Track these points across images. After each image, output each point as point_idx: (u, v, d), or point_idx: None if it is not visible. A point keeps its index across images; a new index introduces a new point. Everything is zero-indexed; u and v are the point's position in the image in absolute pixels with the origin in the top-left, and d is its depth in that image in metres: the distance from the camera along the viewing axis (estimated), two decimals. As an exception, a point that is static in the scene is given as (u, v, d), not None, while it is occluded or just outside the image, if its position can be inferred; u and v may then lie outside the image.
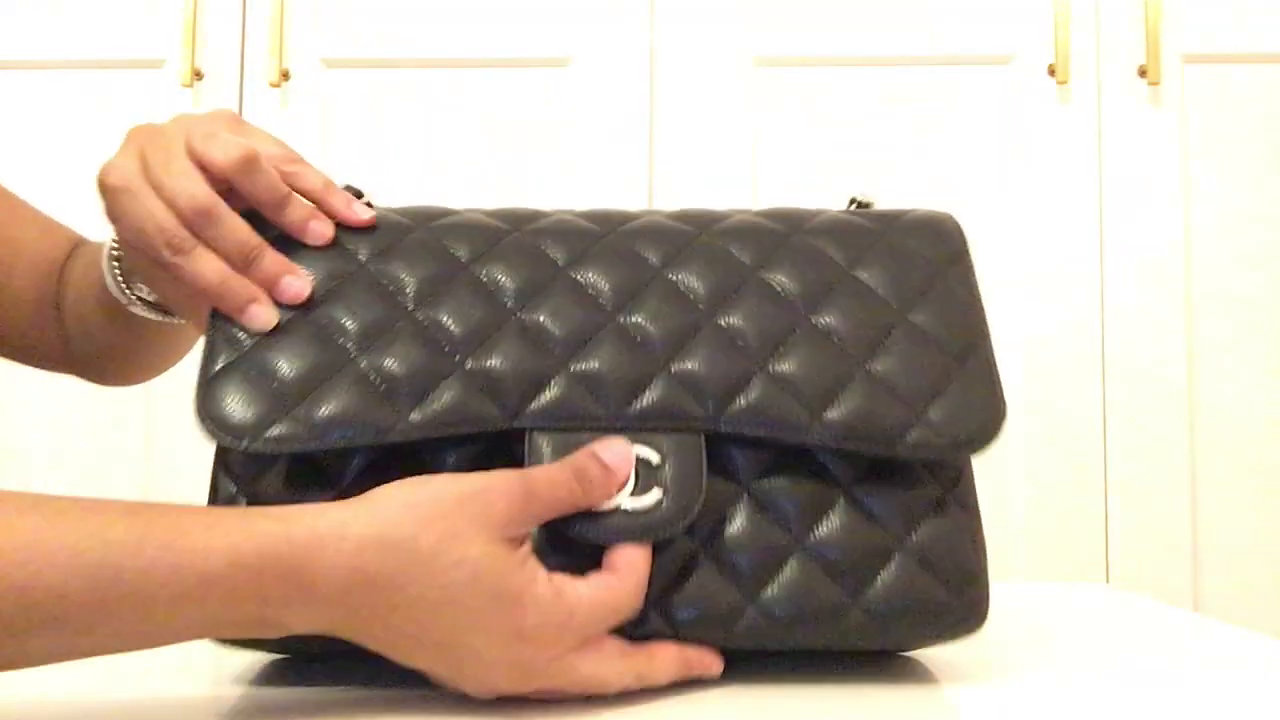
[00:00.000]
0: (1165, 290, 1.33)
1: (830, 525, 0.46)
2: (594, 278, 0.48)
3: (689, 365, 0.46)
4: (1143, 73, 1.34)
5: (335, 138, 1.37)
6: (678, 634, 0.45)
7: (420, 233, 0.50)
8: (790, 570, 0.45)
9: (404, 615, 0.38)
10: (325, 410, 0.44)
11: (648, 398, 0.46)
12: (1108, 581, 1.29)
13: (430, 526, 0.38)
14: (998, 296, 1.34)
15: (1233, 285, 1.34)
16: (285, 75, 1.41)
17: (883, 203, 0.55)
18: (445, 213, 0.52)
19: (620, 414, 0.45)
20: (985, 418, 0.48)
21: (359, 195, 0.51)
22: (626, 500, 0.43)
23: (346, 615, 0.38)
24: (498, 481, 0.40)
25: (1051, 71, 1.35)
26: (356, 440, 0.44)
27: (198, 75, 1.41)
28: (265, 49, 1.40)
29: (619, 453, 0.43)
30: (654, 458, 0.45)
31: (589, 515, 0.43)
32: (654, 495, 0.44)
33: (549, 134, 1.39)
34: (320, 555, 0.37)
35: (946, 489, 0.48)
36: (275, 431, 0.44)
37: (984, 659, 0.51)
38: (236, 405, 0.45)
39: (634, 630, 0.44)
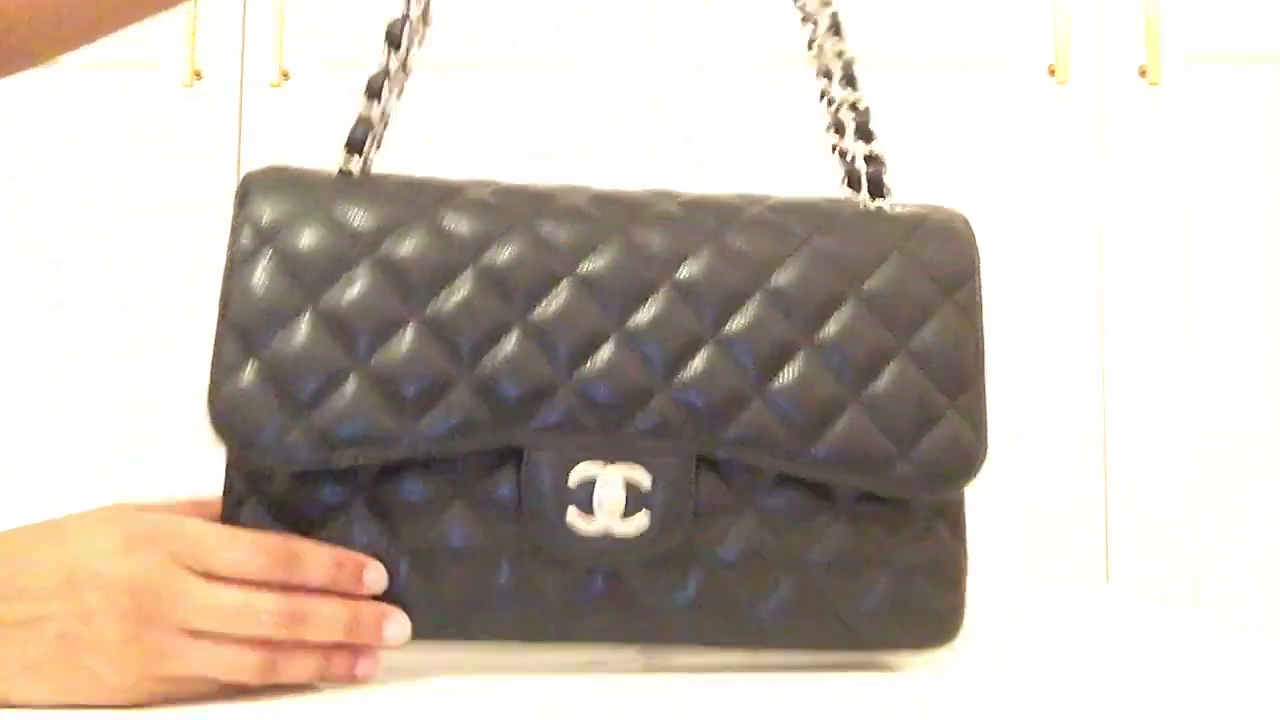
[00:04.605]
0: (1165, 290, 1.33)
1: (824, 544, 0.48)
2: (604, 277, 0.48)
3: (688, 384, 0.47)
4: (1143, 73, 1.34)
5: (335, 138, 1.37)
6: (665, 639, 0.47)
7: (428, 211, 0.49)
8: (785, 588, 0.48)
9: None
10: (336, 423, 0.45)
11: (644, 420, 0.47)
12: (1108, 581, 1.29)
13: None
14: (997, 296, 1.34)
15: (1233, 285, 1.34)
16: (285, 75, 1.41)
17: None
18: (453, 191, 0.51)
19: (616, 434, 0.46)
20: (967, 460, 0.49)
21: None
22: (616, 525, 0.45)
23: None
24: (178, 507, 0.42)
25: (1051, 71, 1.35)
26: (365, 457, 0.45)
27: (198, 75, 1.41)
28: (265, 49, 1.40)
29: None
30: (645, 482, 0.46)
31: (576, 535, 0.45)
32: (641, 520, 0.46)
33: (549, 134, 1.39)
34: None
35: (935, 513, 0.50)
36: (288, 441, 0.45)
37: (984, 659, 0.51)
38: (250, 415, 0.45)
39: (618, 639, 0.47)
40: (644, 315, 0.48)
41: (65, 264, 1.41)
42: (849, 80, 0.57)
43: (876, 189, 0.55)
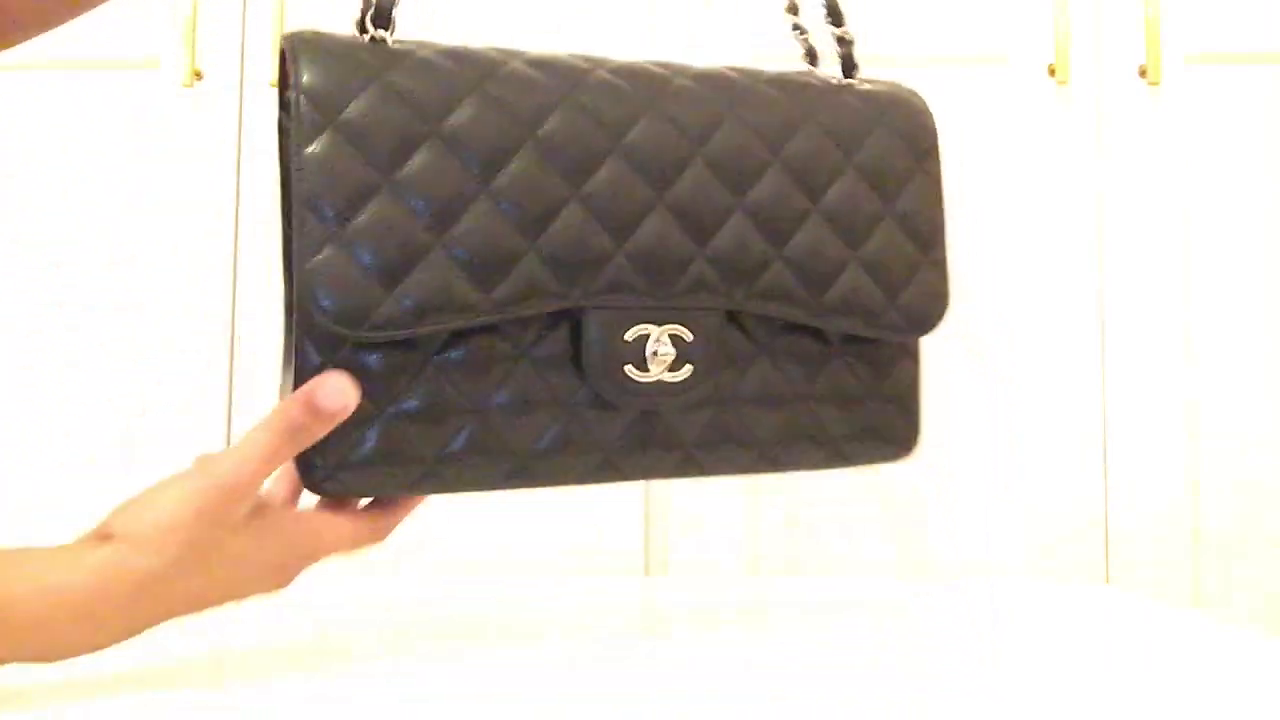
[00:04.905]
0: (1165, 290, 1.33)
1: (824, 377, 0.59)
2: (643, 149, 0.54)
3: (720, 250, 0.54)
4: (1143, 73, 1.34)
5: (335, 138, 1.37)
6: (701, 469, 0.56)
7: (480, 90, 0.53)
8: (784, 425, 0.58)
9: (188, 606, 0.46)
10: (422, 293, 0.48)
11: (684, 283, 0.54)
12: (1108, 581, 1.30)
13: (186, 549, 0.44)
14: (997, 296, 1.34)
15: (1233, 285, 1.34)
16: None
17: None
18: (495, 64, 0.55)
19: (666, 294, 0.53)
20: (939, 305, 0.61)
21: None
22: (666, 375, 0.53)
23: (138, 625, 0.45)
24: (225, 479, 0.45)
25: (1051, 71, 1.35)
26: (449, 323, 0.49)
27: (198, 75, 1.41)
28: (265, 49, 1.40)
29: (334, 389, 0.48)
30: (687, 335, 0.54)
31: (629, 387, 0.52)
32: (686, 370, 0.54)
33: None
34: (103, 599, 0.43)
35: (903, 352, 0.63)
36: (380, 312, 0.48)
37: (984, 659, 0.51)
38: (342, 287, 0.47)
39: (667, 471, 0.55)
40: (680, 188, 0.54)
41: (65, 264, 1.41)
42: (834, 19, 0.69)
43: (848, 68, 0.65)
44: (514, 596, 0.76)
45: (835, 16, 0.67)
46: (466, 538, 1.27)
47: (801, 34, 0.67)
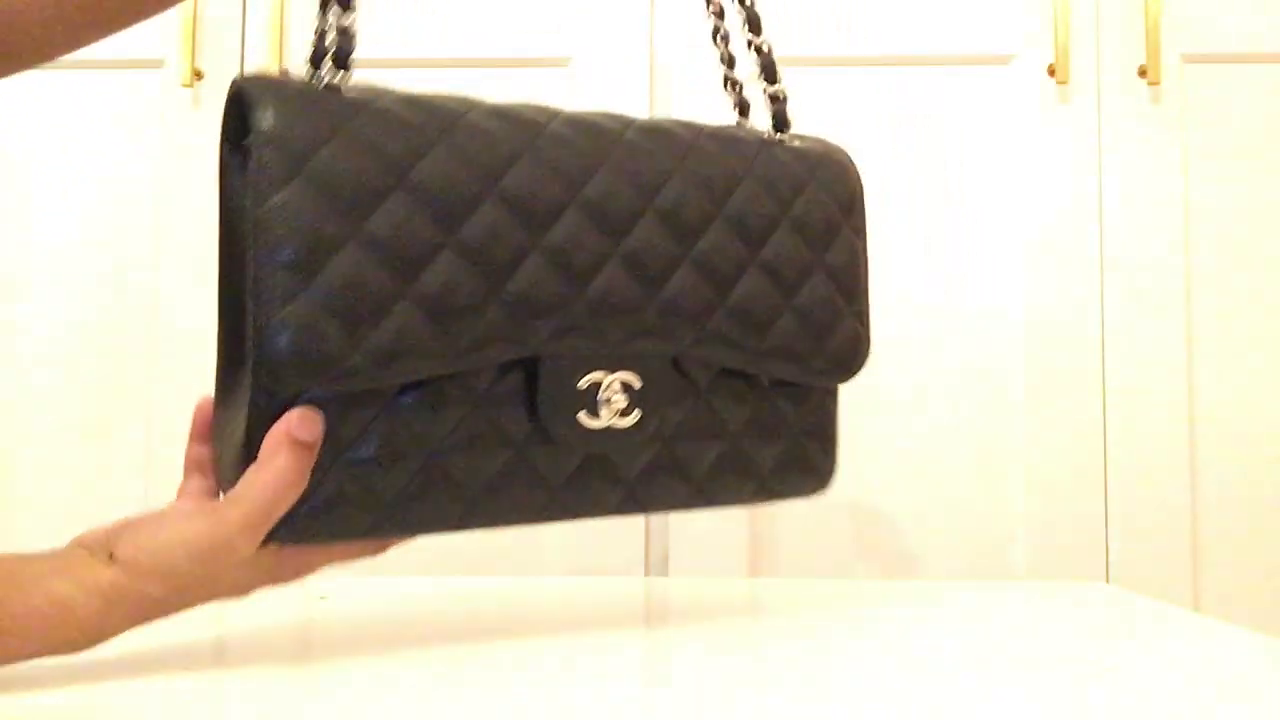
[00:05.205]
0: (1165, 290, 1.33)
1: (747, 427, 0.62)
2: (600, 202, 0.56)
3: (671, 295, 0.57)
4: (1143, 73, 1.34)
5: (335, 138, 1.37)
6: (644, 508, 0.58)
7: (445, 140, 0.53)
8: (717, 460, 0.61)
9: (184, 609, 0.48)
10: (391, 343, 0.49)
11: (640, 328, 0.56)
12: (1108, 581, 1.29)
13: (187, 584, 0.47)
14: (997, 295, 1.34)
15: (1233, 285, 1.34)
16: (285, 75, 1.41)
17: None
18: (456, 115, 0.55)
19: (618, 343, 0.55)
20: (862, 352, 0.65)
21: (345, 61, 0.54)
22: (616, 420, 0.55)
23: (138, 623, 0.47)
24: (226, 532, 0.47)
25: (1051, 71, 1.35)
26: (411, 374, 0.50)
27: (198, 75, 1.41)
28: (265, 49, 1.40)
29: (305, 419, 0.49)
30: (636, 382, 0.56)
31: (579, 433, 0.54)
32: (635, 416, 0.56)
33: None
34: (106, 616, 0.46)
35: (825, 393, 0.66)
36: (341, 368, 0.48)
37: (984, 659, 0.51)
38: (312, 340, 0.47)
39: (609, 510, 0.58)
40: (634, 239, 0.56)
41: (65, 263, 1.41)
42: (753, 26, 0.70)
43: (780, 123, 0.67)
44: (514, 596, 0.76)
45: (769, 74, 0.69)
46: (466, 537, 1.27)
47: (735, 88, 0.70)
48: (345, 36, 0.53)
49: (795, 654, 0.52)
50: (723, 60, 0.71)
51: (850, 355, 0.64)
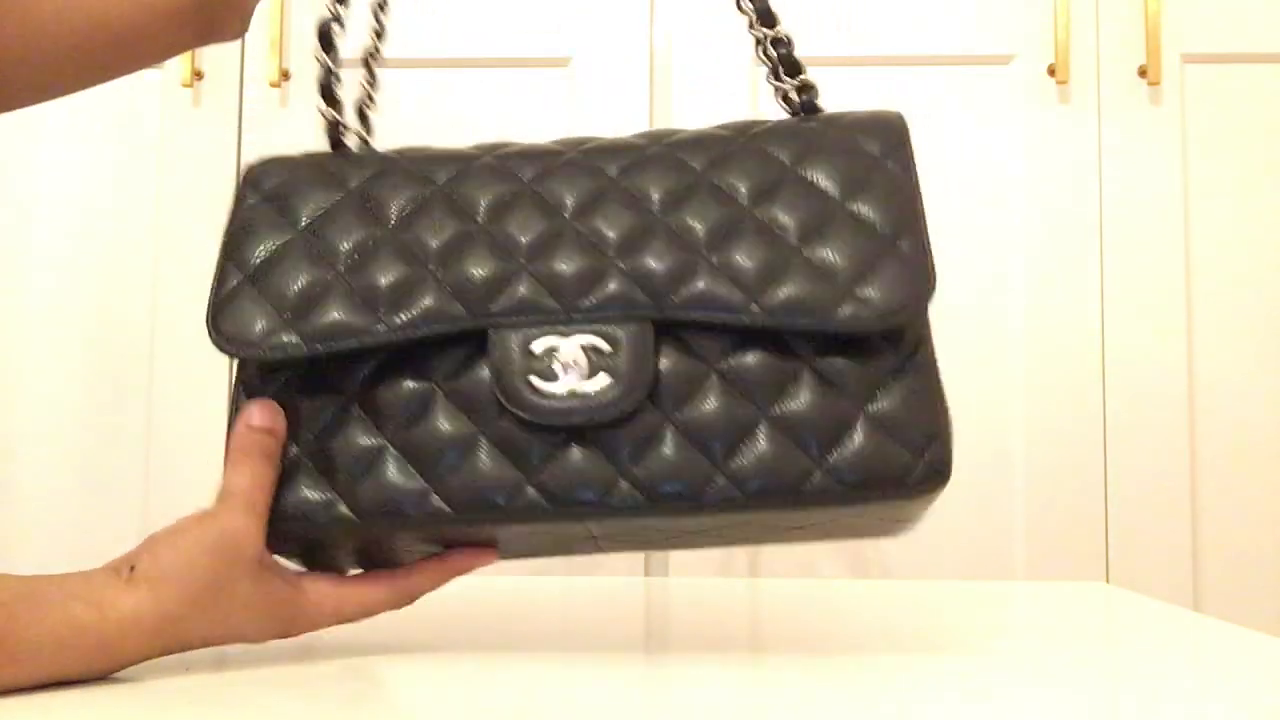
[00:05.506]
0: (1165, 290, 1.33)
1: (795, 397, 0.49)
2: (556, 190, 0.53)
3: (639, 261, 0.51)
4: (1143, 73, 1.34)
5: (335, 138, 1.37)
6: (650, 498, 0.48)
7: (404, 162, 0.56)
8: (759, 440, 0.49)
9: (201, 641, 0.49)
10: (319, 321, 0.51)
11: (599, 292, 0.50)
12: (1108, 581, 1.29)
13: (202, 589, 0.48)
14: (997, 296, 1.34)
15: (1233, 285, 1.34)
16: (285, 75, 1.41)
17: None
18: (429, 148, 0.57)
19: (574, 308, 0.50)
20: (913, 290, 0.50)
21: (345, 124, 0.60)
22: (579, 384, 0.49)
23: (154, 654, 0.48)
24: (229, 523, 0.49)
25: (1051, 71, 1.35)
26: (342, 345, 0.50)
27: (198, 75, 1.41)
28: (265, 49, 1.40)
29: (259, 408, 0.51)
30: (604, 346, 0.49)
31: (544, 396, 0.49)
32: (602, 380, 0.49)
33: (549, 134, 1.39)
34: (122, 640, 0.46)
35: (905, 357, 0.50)
36: (277, 340, 0.51)
37: (985, 658, 0.51)
38: (246, 321, 0.52)
39: (605, 496, 0.49)
40: (595, 215, 0.52)
41: (64, 263, 1.41)
42: (765, 20, 0.61)
43: (812, 112, 0.58)
44: (514, 596, 0.76)
45: (791, 67, 0.60)
46: (466, 538, 1.27)
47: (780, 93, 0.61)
48: (343, 129, 0.60)
49: (795, 654, 0.52)
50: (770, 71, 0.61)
51: (893, 296, 0.49)
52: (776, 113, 0.60)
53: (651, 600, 0.80)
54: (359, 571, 0.55)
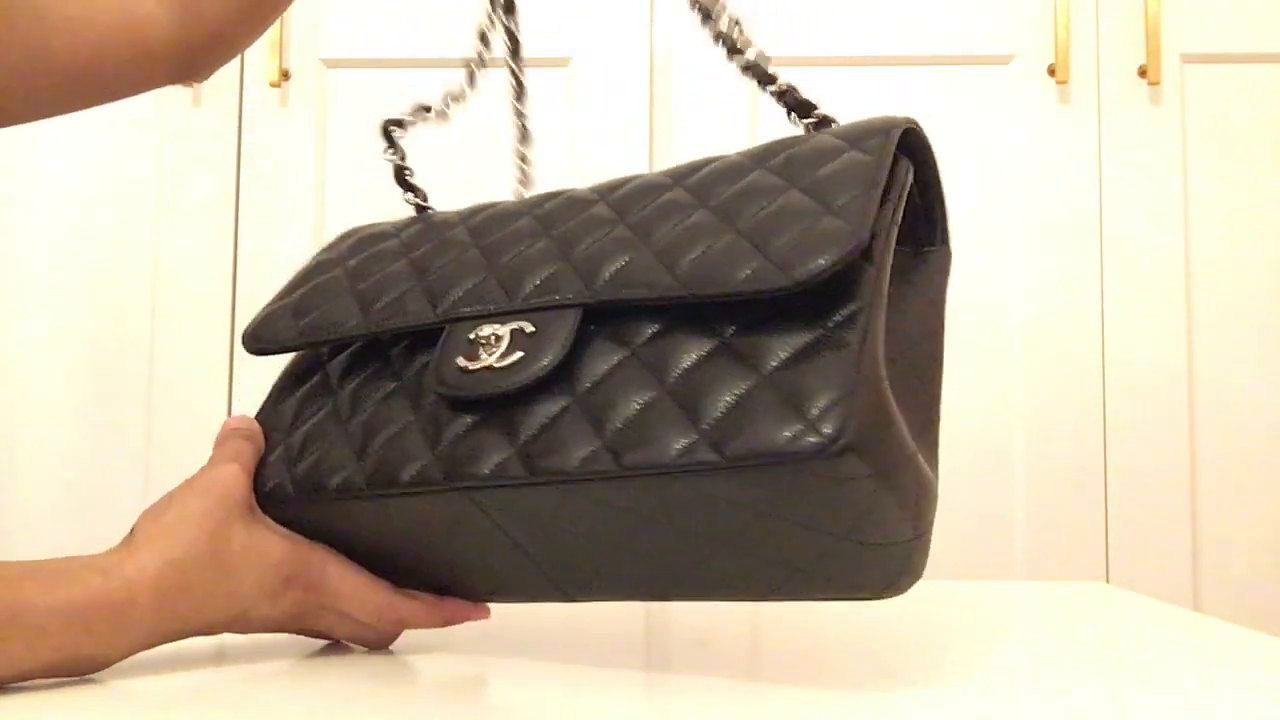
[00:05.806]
0: (1165, 290, 1.33)
1: (697, 370, 0.46)
2: (557, 213, 0.57)
3: (584, 254, 0.53)
4: (1143, 73, 1.34)
5: (335, 137, 1.37)
6: (530, 470, 0.47)
7: (453, 228, 0.61)
8: (650, 413, 0.46)
9: (205, 595, 0.50)
10: (310, 320, 0.59)
11: (538, 286, 0.53)
12: (1108, 581, 1.29)
13: (197, 533, 0.49)
14: (997, 296, 1.34)
15: (1233, 285, 1.34)
16: (285, 75, 1.41)
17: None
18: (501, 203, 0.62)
19: (516, 297, 0.53)
20: (829, 244, 0.44)
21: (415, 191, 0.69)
22: (494, 361, 0.51)
23: (162, 628, 0.48)
24: (216, 473, 0.52)
25: (1051, 71, 1.35)
26: (322, 337, 0.58)
27: (198, 75, 1.41)
28: (265, 49, 1.40)
29: (237, 416, 0.58)
30: (529, 328, 0.52)
31: (464, 374, 0.51)
32: (514, 356, 0.51)
33: (549, 134, 1.39)
34: (131, 604, 0.46)
35: (826, 329, 0.45)
36: (283, 339, 0.60)
37: (983, 658, 0.51)
38: (267, 329, 0.60)
39: (493, 469, 0.49)
40: (576, 229, 0.54)
41: (64, 263, 1.41)
42: (765, 80, 0.58)
43: (803, 111, 0.55)
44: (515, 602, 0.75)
45: (763, 79, 0.58)
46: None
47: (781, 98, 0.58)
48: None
49: (795, 653, 0.52)
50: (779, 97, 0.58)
51: (804, 252, 0.44)
52: (776, 112, 0.61)
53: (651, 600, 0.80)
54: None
